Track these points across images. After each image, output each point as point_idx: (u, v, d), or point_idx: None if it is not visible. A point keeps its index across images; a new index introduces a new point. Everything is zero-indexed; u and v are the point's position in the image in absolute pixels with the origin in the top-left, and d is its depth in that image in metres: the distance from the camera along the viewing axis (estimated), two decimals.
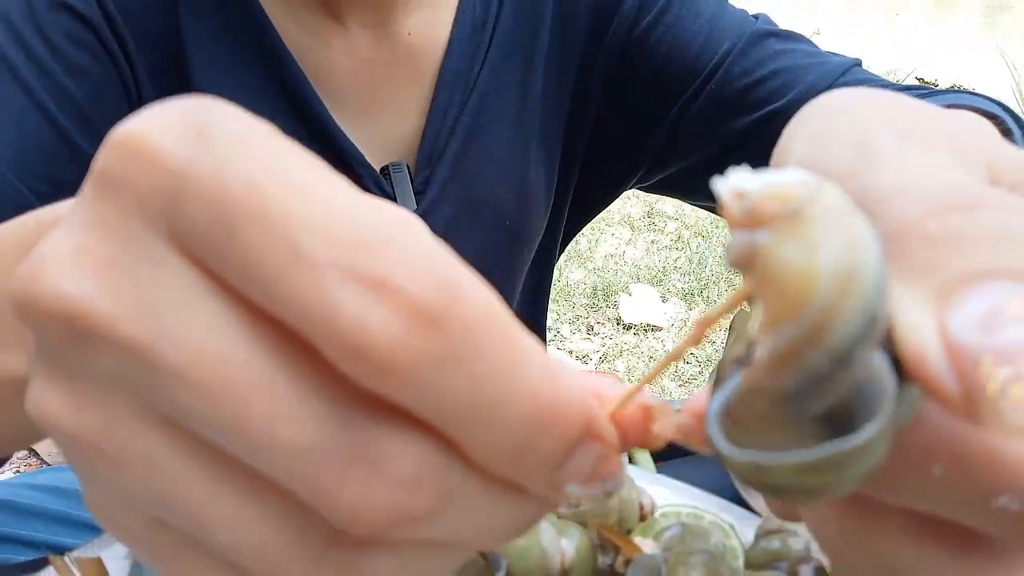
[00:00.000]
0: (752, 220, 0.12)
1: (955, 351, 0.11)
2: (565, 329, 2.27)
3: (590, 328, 2.30)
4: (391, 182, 0.56)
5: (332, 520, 0.13)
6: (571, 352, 2.17)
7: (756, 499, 0.34)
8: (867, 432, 0.11)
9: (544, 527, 0.27)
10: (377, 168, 0.56)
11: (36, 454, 1.58)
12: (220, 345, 0.13)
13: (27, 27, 0.48)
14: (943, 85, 5.13)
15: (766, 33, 0.55)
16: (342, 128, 0.54)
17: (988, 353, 0.11)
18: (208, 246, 0.13)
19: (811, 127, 0.17)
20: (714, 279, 2.48)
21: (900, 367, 0.12)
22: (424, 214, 0.57)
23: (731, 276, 2.49)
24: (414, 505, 0.13)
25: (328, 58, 0.54)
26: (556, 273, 2.56)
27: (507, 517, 0.14)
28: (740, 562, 0.29)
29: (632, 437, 0.15)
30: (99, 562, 0.28)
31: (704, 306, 2.42)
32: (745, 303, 0.14)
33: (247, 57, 0.52)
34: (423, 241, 0.13)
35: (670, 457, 0.42)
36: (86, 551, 0.28)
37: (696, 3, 0.55)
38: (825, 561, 0.28)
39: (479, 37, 0.56)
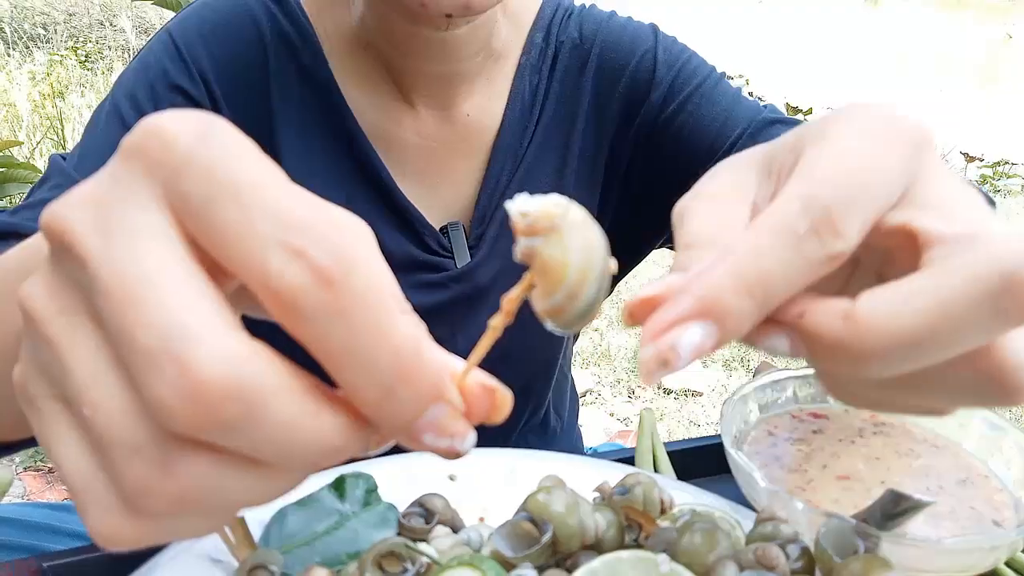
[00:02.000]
0: (531, 231, 0.20)
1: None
2: (607, 392, 2.32)
3: (631, 392, 2.34)
4: (449, 238, 0.65)
5: (153, 410, 0.17)
6: (612, 414, 2.21)
7: (758, 502, 0.40)
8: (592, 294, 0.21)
9: (583, 505, 0.34)
10: (437, 227, 0.65)
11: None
12: (140, 269, 0.17)
13: (148, 102, 0.58)
14: (989, 160, 5.11)
15: (773, 120, 0.63)
16: (406, 193, 0.63)
17: None
18: (190, 208, 0.18)
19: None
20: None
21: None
22: (477, 265, 0.65)
23: None
24: (221, 411, 0.16)
25: (398, 135, 0.63)
26: (598, 337, 2.60)
27: (305, 446, 0.18)
28: (741, 541, 0.36)
29: (476, 408, 0.20)
30: (243, 521, 0.36)
31: (744, 372, 2.44)
32: (531, 285, 0.21)
33: (327, 135, 0.61)
34: (345, 236, 0.18)
35: (692, 477, 0.48)
36: None
37: (714, 94, 0.64)
38: (810, 544, 0.35)
39: (528, 118, 0.65)
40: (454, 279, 0.64)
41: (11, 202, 2.02)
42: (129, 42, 6.43)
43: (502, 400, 0.21)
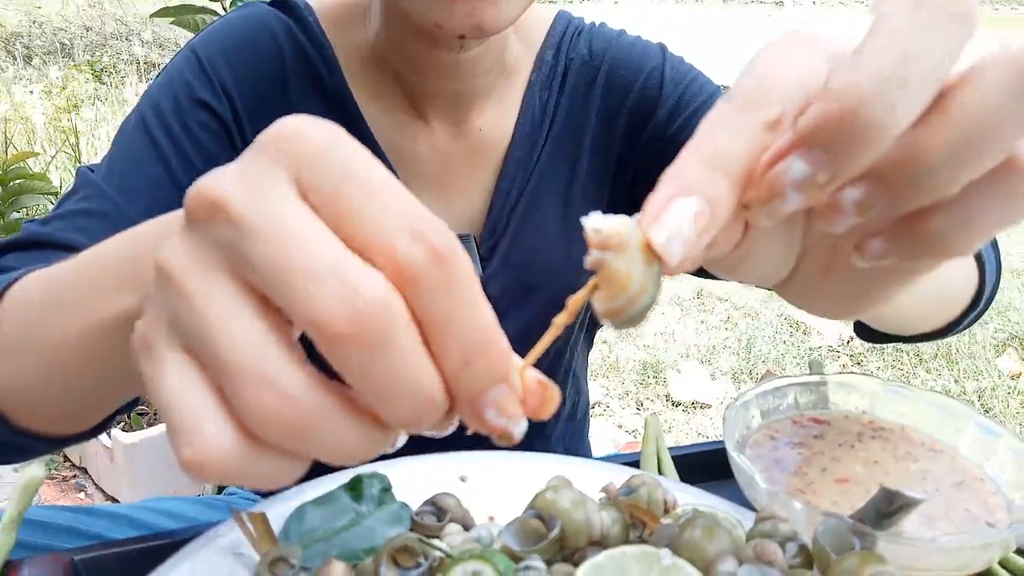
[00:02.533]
0: (603, 245, 0.24)
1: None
2: (615, 404, 2.33)
3: (640, 404, 2.34)
4: None
5: (315, 322, 0.20)
6: (620, 426, 2.21)
7: (759, 503, 0.41)
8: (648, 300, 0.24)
9: (589, 503, 0.36)
10: None
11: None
12: (292, 223, 0.20)
13: (173, 116, 0.60)
14: None
15: None
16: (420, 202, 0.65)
17: None
18: (322, 193, 0.21)
19: None
20: (762, 358, 2.52)
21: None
22: (490, 277, 0.67)
23: (779, 356, 2.53)
24: (373, 325, 0.20)
25: (412, 148, 0.65)
26: (607, 349, 2.61)
27: (414, 394, 0.21)
28: (742, 539, 0.37)
29: (531, 400, 0.23)
30: (264, 517, 0.37)
31: (752, 383, 2.45)
32: (594, 289, 0.24)
33: None
34: (447, 228, 0.21)
35: (696, 481, 0.50)
36: (255, 509, 0.37)
37: None
38: (808, 542, 0.36)
39: (537, 133, 0.67)
40: None
41: (27, 213, 2.05)
42: (145, 56, 6.52)
43: (552, 396, 0.23)
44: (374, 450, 0.22)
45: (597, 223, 0.24)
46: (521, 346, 0.23)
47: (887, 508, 0.34)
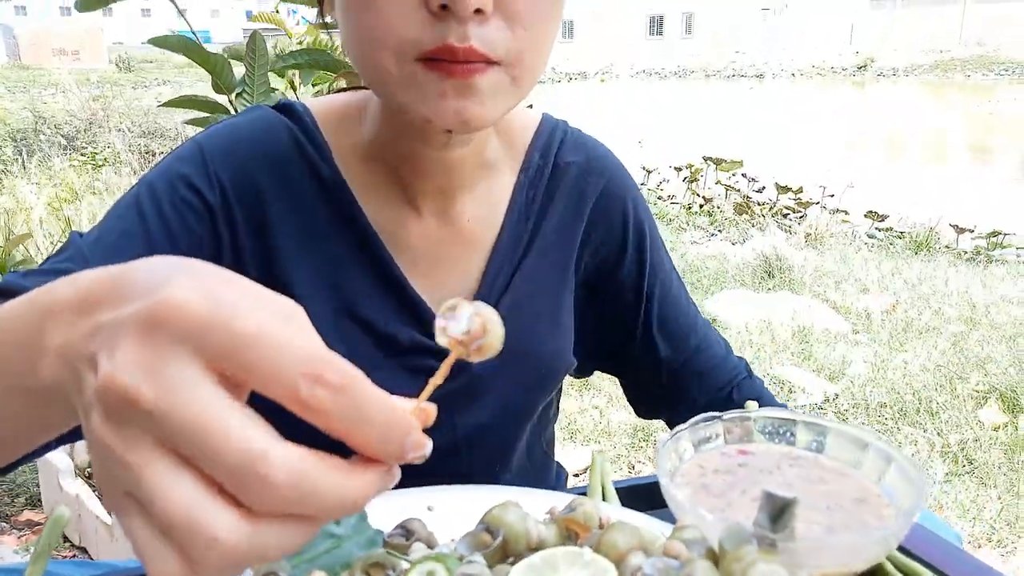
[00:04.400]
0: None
1: None
2: (607, 467, 2.36)
3: (631, 467, 2.38)
4: None
5: (244, 502, 0.26)
6: None
7: (678, 515, 0.47)
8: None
9: (530, 518, 0.42)
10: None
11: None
12: (205, 410, 0.26)
13: (165, 196, 0.64)
14: (981, 230, 5.25)
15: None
16: (414, 286, 0.72)
17: None
18: (219, 357, 0.26)
19: None
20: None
21: None
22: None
23: None
24: (290, 496, 0.26)
25: (405, 235, 0.71)
26: (598, 415, 2.65)
27: (342, 499, 0.27)
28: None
29: (423, 423, 0.30)
30: None
31: None
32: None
33: (341, 235, 0.70)
34: (335, 357, 0.27)
35: (638, 510, 0.56)
36: None
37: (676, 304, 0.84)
38: (715, 545, 0.43)
39: (523, 228, 0.76)
40: (456, 368, 0.72)
41: None
42: (145, 145, 6.73)
43: (431, 413, 0.31)
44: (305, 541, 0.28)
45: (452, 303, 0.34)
46: (500, 417, 0.32)
47: (771, 510, 0.41)
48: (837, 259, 4.53)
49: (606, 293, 0.81)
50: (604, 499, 0.55)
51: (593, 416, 2.66)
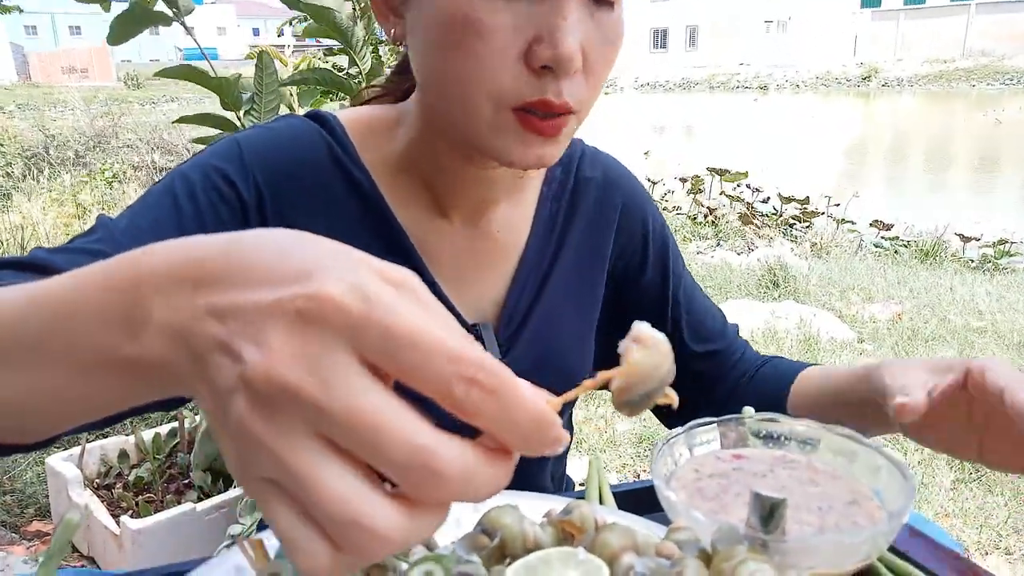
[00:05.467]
0: (636, 340, 0.33)
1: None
2: (613, 478, 2.36)
3: (636, 476, 2.38)
4: (480, 336, 0.74)
5: (410, 496, 0.27)
6: None
7: (673, 517, 0.48)
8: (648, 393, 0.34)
9: (527, 521, 0.43)
10: (469, 324, 0.74)
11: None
12: (370, 405, 0.25)
13: (200, 188, 0.64)
14: (987, 239, 5.24)
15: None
16: (445, 292, 0.73)
17: None
18: (377, 356, 0.26)
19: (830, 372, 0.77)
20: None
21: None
22: (507, 364, 0.75)
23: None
24: (455, 492, 0.26)
25: (438, 244, 0.72)
26: (604, 424, 2.65)
27: (487, 490, 0.27)
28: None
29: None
30: (261, 543, 0.45)
31: None
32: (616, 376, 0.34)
33: (373, 241, 0.71)
34: (486, 355, 0.27)
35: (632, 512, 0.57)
36: (254, 536, 0.45)
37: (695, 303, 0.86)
38: (707, 546, 0.43)
39: (547, 240, 0.78)
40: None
41: None
42: (152, 162, 6.79)
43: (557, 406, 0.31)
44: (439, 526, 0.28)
45: (641, 326, 0.34)
46: None
47: (762, 511, 0.42)
48: (843, 268, 4.53)
49: (631, 301, 0.84)
50: (601, 502, 0.56)
51: (599, 425, 2.66)
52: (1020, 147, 12.63)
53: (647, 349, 0.33)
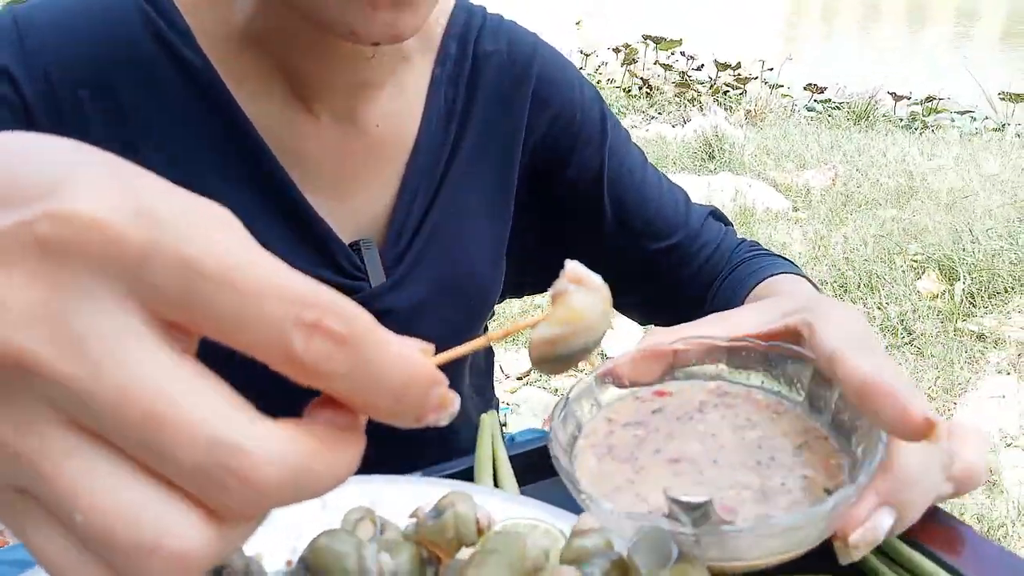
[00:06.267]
0: (574, 279, 0.26)
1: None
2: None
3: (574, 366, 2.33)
4: (361, 256, 0.60)
5: (217, 514, 0.18)
6: (556, 391, 2.20)
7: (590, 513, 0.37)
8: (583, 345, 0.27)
9: (369, 548, 0.31)
10: (348, 243, 0.60)
11: None
12: (147, 383, 0.17)
13: None
14: (916, 96, 5.23)
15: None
16: (315, 207, 0.58)
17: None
18: (169, 301, 0.18)
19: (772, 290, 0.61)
20: None
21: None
22: (394, 286, 0.60)
23: None
24: (283, 498, 0.19)
25: (299, 144, 0.57)
26: (539, 314, 2.60)
27: (340, 478, 0.20)
28: (553, 557, 0.33)
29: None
30: None
31: None
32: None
33: (217, 139, 0.55)
34: (334, 294, 0.19)
35: (544, 477, 0.46)
36: None
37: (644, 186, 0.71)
38: (624, 553, 0.32)
39: (445, 135, 0.62)
40: (367, 300, 0.58)
41: None
42: None
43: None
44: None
45: (575, 264, 0.27)
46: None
47: (686, 512, 0.30)
48: (777, 135, 4.46)
49: (555, 203, 0.69)
50: (496, 481, 0.44)
51: (535, 316, 2.58)
52: None
53: (593, 294, 0.26)
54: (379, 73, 0.58)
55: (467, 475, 0.43)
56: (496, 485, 0.43)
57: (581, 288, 0.26)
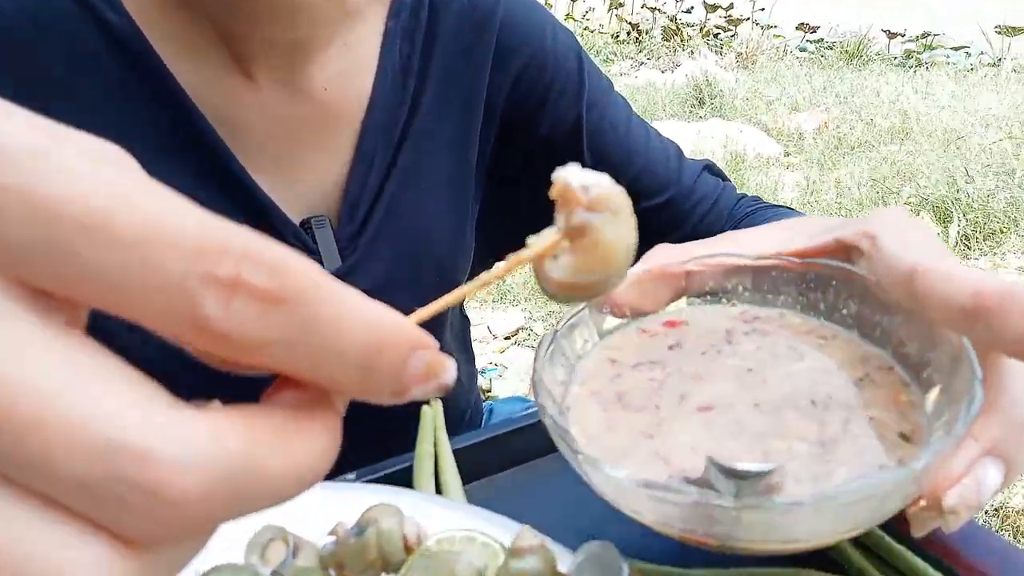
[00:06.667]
0: (593, 205, 0.20)
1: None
2: (538, 327, 2.27)
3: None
4: (313, 236, 0.54)
5: (123, 539, 0.14)
6: None
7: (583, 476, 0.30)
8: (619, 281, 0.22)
9: None
10: (297, 222, 0.54)
11: None
12: (12, 377, 0.13)
13: None
14: (911, 33, 5.10)
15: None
16: (259, 183, 0.53)
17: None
18: (25, 259, 0.13)
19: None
20: None
21: None
22: (351, 270, 0.55)
23: None
24: (206, 514, 0.14)
25: (241, 115, 0.52)
26: (527, 271, 2.56)
27: (308, 466, 0.15)
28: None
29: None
30: None
31: None
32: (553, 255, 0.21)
33: (145, 109, 0.50)
34: (260, 239, 0.14)
35: (500, 471, 0.42)
36: None
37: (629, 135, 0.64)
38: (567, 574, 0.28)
39: (401, 95, 0.56)
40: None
41: None
42: None
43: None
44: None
45: (583, 178, 0.20)
46: None
47: (721, 481, 0.25)
48: (768, 78, 4.36)
49: (526, 163, 0.63)
50: (438, 486, 0.40)
51: (523, 274, 2.54)
52: None
53: (620, 218, 0.21)
54: (321, 28, 0.52)
55: (407, 475, 0.39)
56: (438, 491, 0.38)
57: (605, 214, 0.20)
